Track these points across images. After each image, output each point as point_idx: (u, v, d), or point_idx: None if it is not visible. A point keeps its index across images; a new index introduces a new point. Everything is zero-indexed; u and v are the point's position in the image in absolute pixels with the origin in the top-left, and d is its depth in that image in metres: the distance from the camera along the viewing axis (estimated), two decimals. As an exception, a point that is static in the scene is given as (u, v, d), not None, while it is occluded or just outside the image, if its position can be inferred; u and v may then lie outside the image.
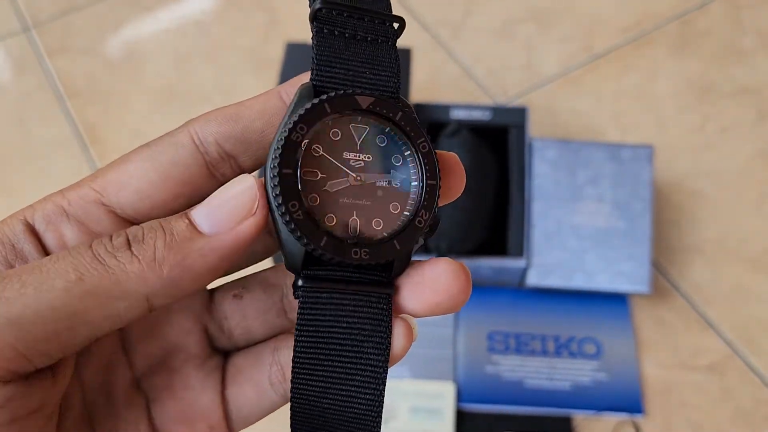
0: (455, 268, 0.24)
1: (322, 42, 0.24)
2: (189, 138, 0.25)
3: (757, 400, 0.67)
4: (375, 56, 0.25)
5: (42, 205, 0.24)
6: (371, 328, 0.24)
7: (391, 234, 0.24)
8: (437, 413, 0.66)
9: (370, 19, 0.25)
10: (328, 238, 0.23)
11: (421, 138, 0.24)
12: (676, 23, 0.92)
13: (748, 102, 0.85)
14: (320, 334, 0.24)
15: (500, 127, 0.72)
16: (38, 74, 0.91)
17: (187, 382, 0.27)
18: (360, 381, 0.24)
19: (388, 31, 0.25)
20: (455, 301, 0.24)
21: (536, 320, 0.72)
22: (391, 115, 0.24)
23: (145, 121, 0.86)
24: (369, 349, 0.24)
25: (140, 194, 0.24)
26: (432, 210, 0.24)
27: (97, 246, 0.21)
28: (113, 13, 0.96)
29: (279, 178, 0.23)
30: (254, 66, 0.91)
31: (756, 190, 0.79)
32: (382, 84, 0.25)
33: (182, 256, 0.22)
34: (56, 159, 0.84)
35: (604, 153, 0.71)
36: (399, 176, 0.24)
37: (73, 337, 0.21)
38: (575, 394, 0.68)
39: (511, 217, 0.70)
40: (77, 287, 0.20)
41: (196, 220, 0.23)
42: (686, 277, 0.74)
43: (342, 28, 0.25)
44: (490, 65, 0.90)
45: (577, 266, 0.69)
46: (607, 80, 0.88)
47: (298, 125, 0.23)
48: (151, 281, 0.21)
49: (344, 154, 0.24)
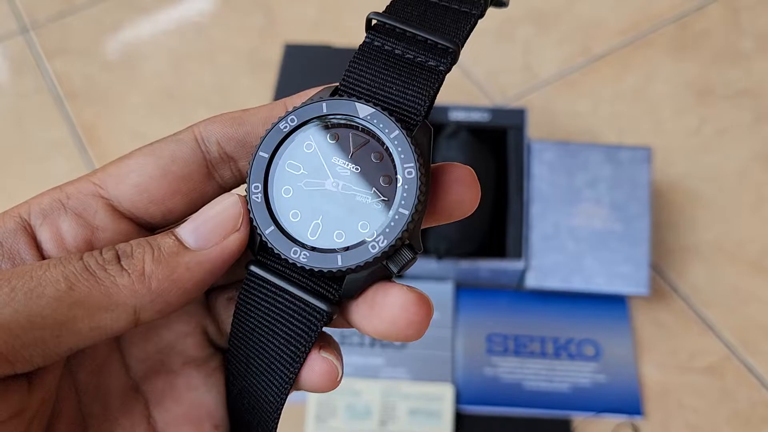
0: (408, 300, 0.23)
1: (364, 51, 0.24)
2: (192, 136, 0.25)
3: (755, 401, 0.67)
4: (412, 76, 0.24)
5: (38, 200, 0.24)
6: (292, 335, 0.24)
7: (342, 249, 0.23)
8: (436, 415, 0.66)
9: (422, 39, 0.24)
10: (276, 229, 0.23)
11: (410, 164, 0.23)
12: (674, 25, 0.92)
13: (746, 104, 0.85)
14: (249, 321, 0.24)
15: (499, 129, 0.72)
16: (36, 76, 0.91)
17: (189, 383, 0.27)
18: (269, 380, 0.24)
19: (440, 56, 0.24)
20: (403, 334, 0.23)
21: (535, 322, 0.72)
22: (387, 131, 0.23)
23: (143, 122, 0.86)
24: (283, 356, 0.24)
25: (139, 188, 0.25)
26: (392, 239, 0.22)
27: (88, 258, 0.22)
28: (111, 15, 0.96)
29: (252, 158, 0.24)
30: (252, 67, 0.91)
31: (754, 192, 0.79)
32: (408, 104, 0.24)
33: (170, 270, 0.22)
34: (54, 160, 0.84)
35: (602, 155, 0.71)
36: (380, 197, 0.23)
37: (57, 345, 0.21)
38: (574, 395, 0.68)
39: (509, 219, 0.70)
40: (67, 296, 0.21)
41: (182, 236, 0.23)
42: (684, 279, 0.74)
43: (392, 44, 0.24)
44: (489, 67, 0.90)
45: (576, 268, 0.69)
46: (605, 82, 0.88)
47: (289, 116, 0.24)
48: (140, 294, 0.22)
49: (333, 159, 0.24)
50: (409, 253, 0.23)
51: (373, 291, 0.24)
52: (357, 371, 0.69)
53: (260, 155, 0.24)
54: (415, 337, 0.23)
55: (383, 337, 0.24)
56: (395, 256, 0.23)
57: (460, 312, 0.72)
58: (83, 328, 0.21)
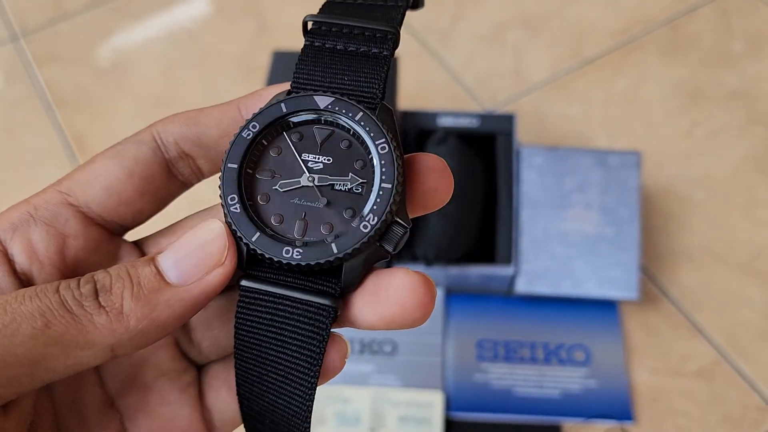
0: (414, 280, 0.23)
1: (307, 52, 0.25)
2: (151, 136, 0.26)
3: (745, 405, 0.67)
4: (359, 65, 0.24)
5: (6, 215, 0.24)
6: (303, 340, 0.23)
7: (333, 237, 0.23)
8: (426, 422, 0.66)
9: (359, 32, 0.25)
10: (261, 235, 0.23)
11: (381, 139, 0.23)
12: (665, 28, 0.92)
13: (736, 107, 0.85)
14: (255, 338, 0.23)
15: (488, 135, 0.72)
16: (26, 83, 0.91)
17: (163, 398, 0.26)
18: (290, 390, 0.24)
19: (381, 42, 0.24)
20: (411, 316, 0.23)
21: (525, 328, 0.72)
22: (351, 114, 0.23)
23: (134, 129, 0.85)
24: (300, 361, 0.23)
25: (107, 191, 0.25)
26: (381, 214, 0.22)
27: (65, 291, 0.21)
28: (101, 22, 0.96)
29: (222, 171, 0.23)
30: (243, 74, 0.91)
31: (744, 195, 0.79)
32: (362, 90, 0.24)
33: (149, 308, 0.21)
34: (44, 168, 0.84)
35: (592, 159, 0.71)
36: (359, 180, 0.23)
37: (31, 381, 0.20)
38: (564, 401, 0.68)
39: (499, 225, 0.70)
40: (43, 335, 0.20)
41: (163, 268, 0.22)
42: (675, 282, 0.74)
43: (333, 41, 0.25)
44: (479, 71, 0.90)
45: (566, 273, 0.69)
46: (596, 86, 0.88)
47: (251, 123, 0.24)
48: (118, 333, 0.21)
49: (303, 155, 0.24)
50: (400, 228, 0.23)
51: (374, 278, 0.23)
52: (346, 378, 0.69)
53: (229, 167, 0.23)
54: (422, 320, 0.23)
55: (389, 325, 0.23)
56: (388, 234, 0.23)
57: (450, 318, 0.72)
58: (58, 365, 0.21)
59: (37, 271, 0.24)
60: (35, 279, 0.24)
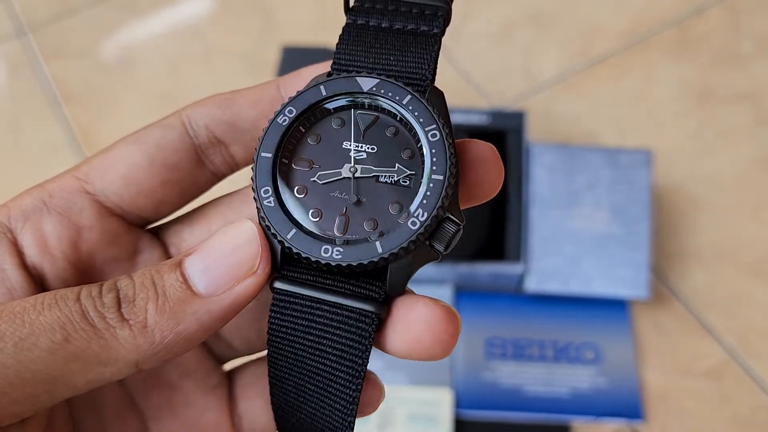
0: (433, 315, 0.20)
1: (348, 31, 0.22)
2: (179, 121, 0.24)
3: (755, 406, 0.67)
4: (407, 44, 0.22)
5: (18, 201, 0.22)
6: (344, 350, 0.21)
7: (378, 235, 0.21)
8: (434, 420, 0.66)
9: (406, 8, 0.22)
10: (298, 231, 0.21)
11: (432, 125, 0.21)
12: (674, 28, 0.92)
13: (746, 107, 0.85)
14: (290, 346, 0.21)
15: (498, 132, 0.72)
16: (33, 79, 0.90)
17: (188, 399, 0.25)
18: (330, 404, 0.21)
19: (430, 20, 0.22)
20: (428, 352, 0.21)
21: (534, 326, 0.71)
22: (398, 98, 0.21)
23: (141, 125, 0.86)
24: (340, 372, 0.21)
25: (126, 179, 0.23)
26: (432, 210, 0.20)
27: (86, 300, 0.19)
28: (109, 18, 0.96)
29: (255, 161, 0.21)
30: (250, 70, 0.90)
31: (754, 195, 0.79)
32: (410, 71, 0.22)
33: (176, 321, 0.20)
34: (51, 164, 0.83)
35: (602, 158, 0.71)
36: (407, 171, 0.21)
37: (50, 399, 0.19)
38: (574, 400, 0.68)
39: (508, 222, 0.69)
40: (62, 350, 0.18)
41: (190, 277, 0.20)
42: (685, 282, 0.74)
43: (377, 19, 0.22)
44: (488, 69, 0.90)
45: (575, 271, 0.69)
46: (605, 85, 0.88)
47: (287, 108, 0.22)
48: (141, 348, 0.19)
49: (344, 144, 0.21)
50: (453, 225, 0.21)
51: (393, 306, 0.21)
52: (355, 375, 0.68)
53: (263, 156, 0.21)
54: (441, 356, 0.21)
55: (406, 357, 0.21)
56: (439, 232, 0.21)
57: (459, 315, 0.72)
58: (79, 382, 0.19)
59: (48, 265, 0.22)
60: (46, 274, 0.23)
